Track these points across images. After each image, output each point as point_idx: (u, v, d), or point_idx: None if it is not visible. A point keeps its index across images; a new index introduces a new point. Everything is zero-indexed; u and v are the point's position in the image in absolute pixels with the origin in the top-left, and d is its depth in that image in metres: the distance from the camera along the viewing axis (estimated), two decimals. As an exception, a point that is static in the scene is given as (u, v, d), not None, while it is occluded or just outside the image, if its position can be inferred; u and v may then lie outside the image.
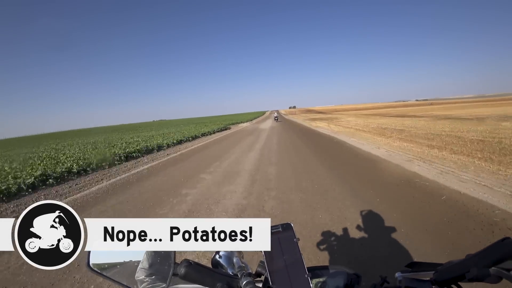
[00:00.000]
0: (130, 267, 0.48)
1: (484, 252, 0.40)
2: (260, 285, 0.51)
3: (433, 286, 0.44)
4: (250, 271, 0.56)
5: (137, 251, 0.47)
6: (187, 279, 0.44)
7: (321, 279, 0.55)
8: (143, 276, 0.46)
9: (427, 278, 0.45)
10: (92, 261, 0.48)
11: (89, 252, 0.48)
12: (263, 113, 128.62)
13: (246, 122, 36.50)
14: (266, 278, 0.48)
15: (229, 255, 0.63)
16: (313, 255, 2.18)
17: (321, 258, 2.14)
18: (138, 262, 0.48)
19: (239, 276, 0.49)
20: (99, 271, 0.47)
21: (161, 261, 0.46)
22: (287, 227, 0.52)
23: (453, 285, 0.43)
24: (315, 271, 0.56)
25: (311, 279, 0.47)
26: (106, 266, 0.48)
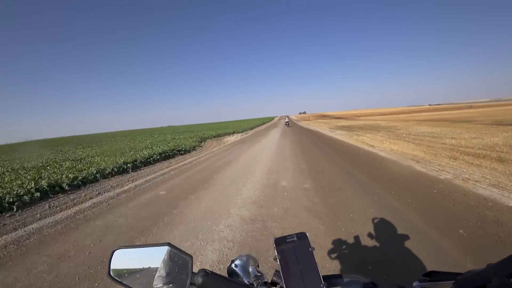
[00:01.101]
0: (148, 274, 0.47)
1: (507, 261, 0.36)
2: None
3: None
4: (266, 280, 0.56)
5: (155, 259, 0.47)
6: None
7: None
8: (161, 284, 0.46)
9: None
10: (113, 269, 0.48)
11: (109, 261, 0.48)
12: (271, 118, 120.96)
13: (241, 132, 24.54)
14: (282, 287, 0.47)
15: (245, 264, 0.61)
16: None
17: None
18: (156, 269, 0.47)
19: (255, 285, 0.51)
20: (118, 280, 0.47)
21: (178, 270, 0.46)
22: (302, 236, 0.52)
23: None
24: (329, 280, 0.54)
25: None
26: (125, 273, 0.48)
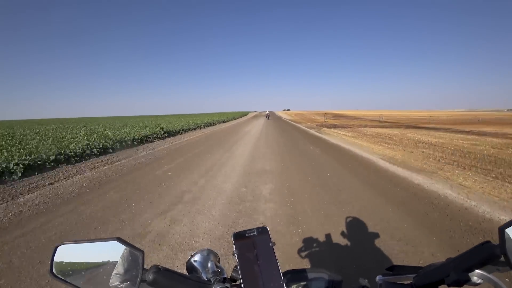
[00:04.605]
0: (96, 272, 0.43)
1: (464, 256, 0.40)
2: None
3: None
4: (225, 275, 0.55)
5: (104, 255, 0.44)
6: (155, 285, 0.42)
7: (301, 284, 0.53)
8: (117, 282, 0.43)
9: (408, 282, 0.45)
10: (56, 267, 0.44)
11: (52, 257, 0.44)
12: (246, 113, 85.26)
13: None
14: (240, 284, 0.45)
15: (204, 259, 0.60)
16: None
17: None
18: (105, 266, 0.44)
19: (212, 281, 0.49)
20: (62, 278, 0.42)
21: (129, 267, 0.43)
22: (262, 230, 0.50)
23: None
24: (293, 275, 0.54)
25: (287, 284, 0.45)
26: (70, 270, 0.43)
